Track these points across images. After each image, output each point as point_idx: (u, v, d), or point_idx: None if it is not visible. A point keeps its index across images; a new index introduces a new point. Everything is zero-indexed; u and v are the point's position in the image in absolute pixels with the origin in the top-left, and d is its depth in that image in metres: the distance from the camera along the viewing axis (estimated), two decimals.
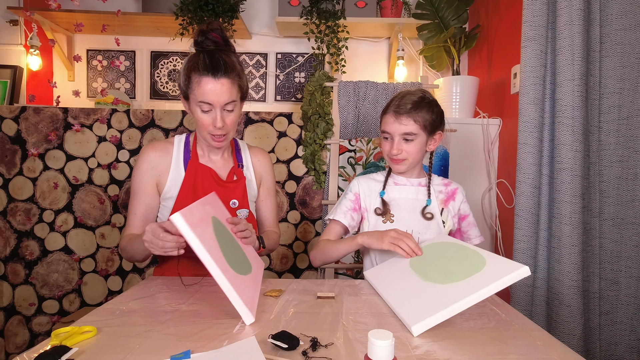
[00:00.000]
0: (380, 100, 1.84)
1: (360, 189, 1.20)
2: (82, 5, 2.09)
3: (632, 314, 1.21)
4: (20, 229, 1.81)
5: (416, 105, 1.08)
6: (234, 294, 0.70)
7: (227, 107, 1.02)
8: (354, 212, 1.18)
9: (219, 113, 1.01)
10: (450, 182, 1.21)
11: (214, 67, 0.98)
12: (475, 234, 1.19)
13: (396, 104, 1.10)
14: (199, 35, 1.01)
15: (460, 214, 1.19)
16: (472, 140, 1.82)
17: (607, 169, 1.23)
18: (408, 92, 1.12)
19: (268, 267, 1.90)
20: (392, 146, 1.11)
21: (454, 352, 0.62)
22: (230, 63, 1.01)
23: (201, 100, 0.99)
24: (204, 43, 1.01)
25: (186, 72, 1.01)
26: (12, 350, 1.82)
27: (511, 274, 0.71)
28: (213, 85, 0.98)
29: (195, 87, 0.99)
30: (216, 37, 1.01)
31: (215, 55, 1.00)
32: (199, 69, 0.98)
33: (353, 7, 2.03)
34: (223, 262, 0.73)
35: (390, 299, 0.82)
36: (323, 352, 0.61)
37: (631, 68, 1.20)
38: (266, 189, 1.24)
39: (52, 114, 1.82)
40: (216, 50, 1.01)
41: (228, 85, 0.99)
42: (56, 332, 0.66)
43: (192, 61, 1.01)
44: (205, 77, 0.98)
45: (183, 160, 1.11)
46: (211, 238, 0.76)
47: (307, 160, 1.84)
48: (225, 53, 1.02)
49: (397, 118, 1.08)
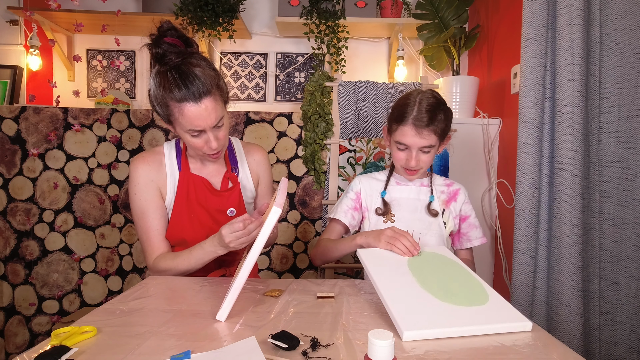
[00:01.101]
0: (380, 100, 1.84)
1: (361, 188, 1.19)
2: (82, 5, 2.09)
3: (632, 314, 1.21)
4: (20, 229, 1.81)
5: (435, 115, 1.03)
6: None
7: (219, 124, 0.95)
8: (354, 211, 1.18)
9: (210, 135, 0.94)
10: (452, 183, 1.20)
11: (191, 90, 0.88)
12: (476, 235, 1.18)
13: (416, 116, 1.03)
14: (154, 44, 0.89)
15: (462, 215, 1.18)
16: (472, 140, 1.82)
17: (607, 169, 1.23)
18: (423, 96, 1.05)
19: (268, 267, 1.90)
20: (410, 158, 1.06)
21: (454, 352, 0.62)
22: (204, 76, 0.90)
23: (189, 128, 0.92)
24: (165, 56, 0.89)
25: (161, 100, 0.91)
26: (12, 350, 1.82)
27: (513, 323, 0.70)
28: (197, 111, 0.89)
29: (179, 116, 0.90)
30: (174, 42, 0.90)
31: (185, 72, 0.88)
32: (172, 93, 0.88)
33: (353, 7, 2.03)
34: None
35: (385, 294, 0.78)
36: (323, 352, 0.61)
37: (631, 68, 1.20)
38: (265, 187, 1.22)
39: (52, 114, 1.82)
40: (183, 62, 0.89)
41: (212, 104, 0.91)
42: (56, 332, 0.66)
43: (163, 85, 0.89)
44: (186, 103, 0.88)
45: (178, 172, 1.07)
46: None
47: (307, 160, 1.84)
48: (194, 61, 0.91)
49: (419, 132, 1.03)
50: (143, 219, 1.03)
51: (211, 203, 1.08)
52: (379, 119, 1.84)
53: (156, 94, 0.92)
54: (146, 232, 1.03)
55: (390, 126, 1.11)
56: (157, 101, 0.93)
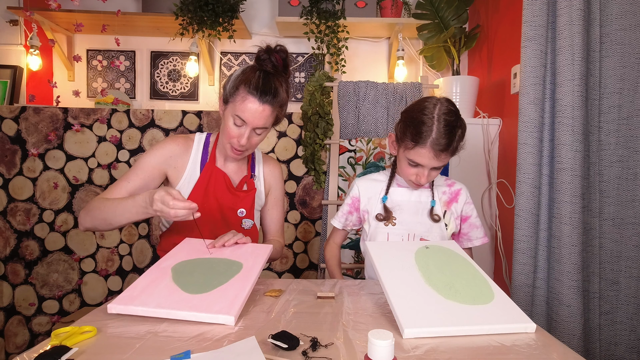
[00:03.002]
0: (380, 100, 1.84)
1: (360, 193, 1.20)
2: (82, 5, 2.09)
3: (632, 314, 1.21)
4: (20, 229, 1.81)
5: (454, 136, 0.99)
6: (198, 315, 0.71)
7: (258, 130, 1.04)
8: (349, 215, 1.22)
9: (247, 132, 1.02)
10: (453, 183, 1.19)
11: (264, 90, 0.99)
12: (477, 235, 1.17)
13: (435, 139, 0.98)
14: (263, 52, 1.03)
15: (463, 215, 1.17)
16: (472, 140, 1.82)
17: (607, 169, 1.23)
18: (441, 111, 0.99)
19: (268, 267, 1.90)
20: (422, 176, 1.04)
21: (454, 352, 0.62)
22: (279, 92, 1.02)
23: (238, 115, 1.01)
24: (264, 62, 1.02)
25: (236, 82, 1.02)
26: (12, 350, 1.82)
27: (516, 324, 0.70)
28: (255, 107, 1.00)
29: (239, 100, 1.00)
30: (278, 61, 1.03)
31: (270, 79, 1.01)
32: (249, 85, 0.99)
33: (353, 7, 2.03)
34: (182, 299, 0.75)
35: (389, 290, 0.77)
36: (323, 352, 0.61)
37: (631, 68, 1.20)
38: (273, 198, 1.25)
39: (52, 114, 1.82)
40: (273, 74, 1.03)
41: (269, 112, 1.02)
42: (56, 332, 0.66)
43: (247, 74, 1.02)
44: (252, 96, 0.99)
45: (200, 161, 1.12)
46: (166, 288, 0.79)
47: (307, 160, 1.84)
48: (280, 79, 1.04)
49: (437, 155, 0.99)
50: (131, 171, 1.08)
51: (226, 199, 1.12)
52: (379, 119, 1.84)
53: (237, 75, 1.04)
54: (122, 179, 1.07)
55: (403, 140, 1.04)
56: (234, 80, 1.03)
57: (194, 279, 0.82)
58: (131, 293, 0.77)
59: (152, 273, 0.84)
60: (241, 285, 0.80)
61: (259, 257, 0.93)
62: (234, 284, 0.80)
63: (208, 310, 0.71)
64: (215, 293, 0.77)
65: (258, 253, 0.96)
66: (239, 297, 0.76)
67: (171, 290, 0.78)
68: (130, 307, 0.73)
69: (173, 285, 0.79)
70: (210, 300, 0.74)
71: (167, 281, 0.81)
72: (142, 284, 0.80)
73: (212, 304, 0.73)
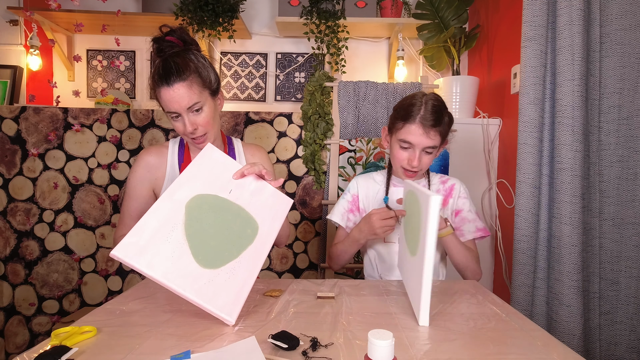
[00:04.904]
0: (380, 100, 1.84)
1: (359, 189, 1.20)
2: (82, 5, 2.09)
3: (632, 314, 1.21)
4: (20, 229, 1.81)
5: (442, 117, 1.04)
6: (202, 304, 0.69)
7: (194, 109, 1.00)
8: (350, 213, 1.20)
9: (186, 118, 1.00)
10: (448, 179, 1.19)
11: (166, 74, 0.96)
12: (469, 229, 1.13)
13: (423, 115, 1.03)
14: (155, 42, 1.00)
15: (456, 209, 1.16)
16: (472, 140, 1.82)
17: (607, 169, 1.23)
18: (428, 97, 1.06)
19: (268, 267, 1.90)
20: (414, 158, 1.05)
21: (454, 352, 0.62)
22: (183, 64, 0.97)
23: (166, 111, 1.00)
24: (161, 50, 1.00)
25: (152, 87, 1.01)
26: (12, 350, 1.81)
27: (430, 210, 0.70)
28: (169, 94, 0.97)
29: (160, 100, 1.00)
30: (173, 40, 1.00)
31: (168, 61, 0.97)
32: (155, 80, 0.98)
33: (353, 7, 2.02)
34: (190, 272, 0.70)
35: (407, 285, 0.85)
36: (323, 352, 0.61)
37: (631, 68, 1.20)
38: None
39: (52, 114, 1.82)
40: (173, 54, 0.99)
41: (184, 88, 0.97)
42: (56, 332, 0.66)
43: (152, 73, 1.00)
44: (162, 87, 0.97)
45: (178, 164, 1.12)
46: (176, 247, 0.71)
47: (307, 160, 1.83)
48: (182, 55, 0.99)
49: (426, 131, 1.03)
50: (126, 201, 1.12)
51: None
52: (379, 119, 1.84)
53: (149, 83, 1.02)
54: (123, 213, 1.12)
55: (394, 124, 1.09)
56: (151, 89, 1.03)
57: (206, 239, 0.75)
58: (137, 240, 0.69)
59: (164, 208, 0.75)
60: (248, 274, 0.77)
61: (276, 219, 0.88)
62: (243, 264, 0.77)
63: (212, 303, 0.70)
64: (223, 274, 0.73)
65: (277, 210, 0.90)
66: (243, 291, 0.74)
67: (181, 253, 0.71)
68: (135, 260, 0.67)
69: (184, 243, 0.73)
70: (216, 286, 0.71)
71: (178, 232, 0.73)
72: (151, 226, 0.71)
73: (217, 293, 0.71)
